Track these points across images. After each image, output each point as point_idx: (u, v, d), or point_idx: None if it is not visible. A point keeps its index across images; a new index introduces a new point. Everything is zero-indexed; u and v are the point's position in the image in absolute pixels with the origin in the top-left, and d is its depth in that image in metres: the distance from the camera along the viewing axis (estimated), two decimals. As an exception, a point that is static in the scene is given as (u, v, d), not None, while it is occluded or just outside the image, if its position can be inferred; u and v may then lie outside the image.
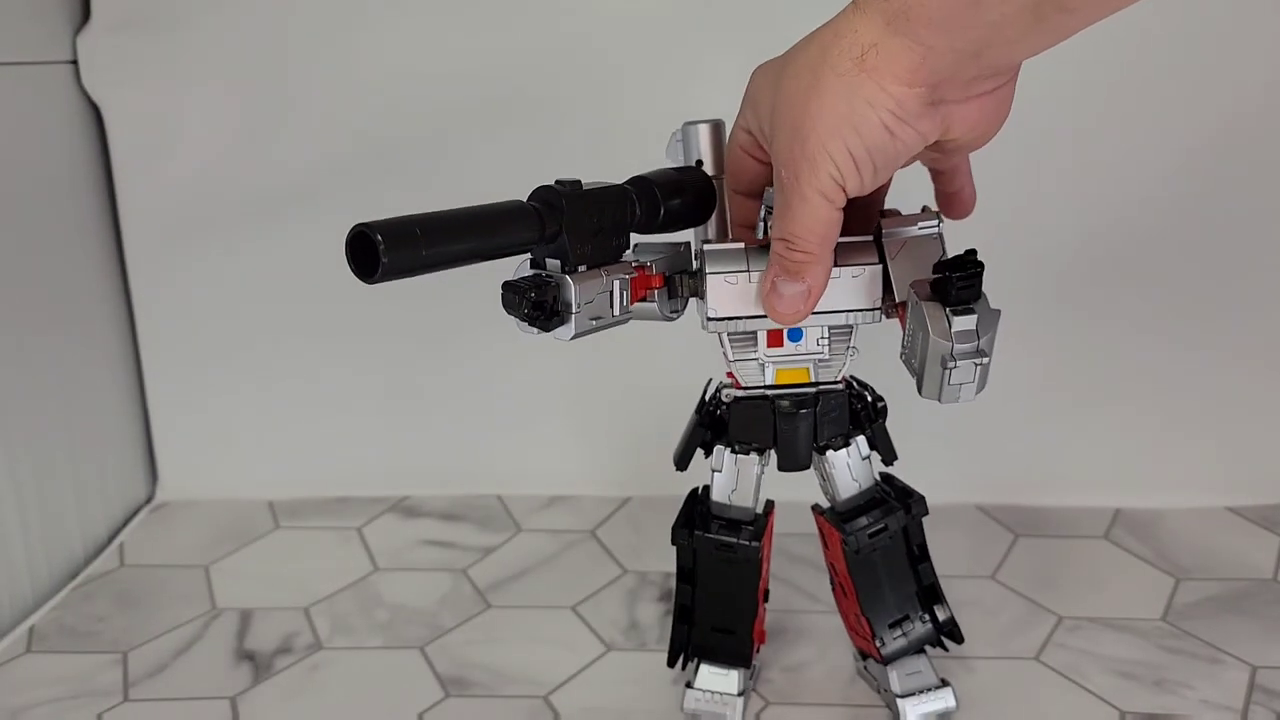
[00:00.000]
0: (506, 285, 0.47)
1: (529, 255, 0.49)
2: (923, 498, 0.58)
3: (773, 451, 0.56)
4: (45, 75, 0.82)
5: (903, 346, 0.52)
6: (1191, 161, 0.80)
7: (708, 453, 0.58)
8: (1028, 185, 0.81)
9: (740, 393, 0.56)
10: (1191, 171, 0.80)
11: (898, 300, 0.52)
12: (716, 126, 0.56)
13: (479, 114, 0.84)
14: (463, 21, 0.83)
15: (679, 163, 0.57)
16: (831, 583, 0.62)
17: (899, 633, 0.59)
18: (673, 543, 0.58)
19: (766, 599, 0.62)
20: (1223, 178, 0.80)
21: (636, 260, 0.53)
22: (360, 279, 0.41)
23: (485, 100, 0.84)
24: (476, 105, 0.84)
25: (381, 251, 0.40)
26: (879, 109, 0.43)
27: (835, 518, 0.57)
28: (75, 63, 0.84)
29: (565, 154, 0.83)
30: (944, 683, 0.59)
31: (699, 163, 0.56)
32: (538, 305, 0.47)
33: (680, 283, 0.55)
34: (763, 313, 0.52)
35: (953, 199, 0.55)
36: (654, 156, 0.57)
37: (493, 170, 0.83)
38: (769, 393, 0.55)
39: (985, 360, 0.49)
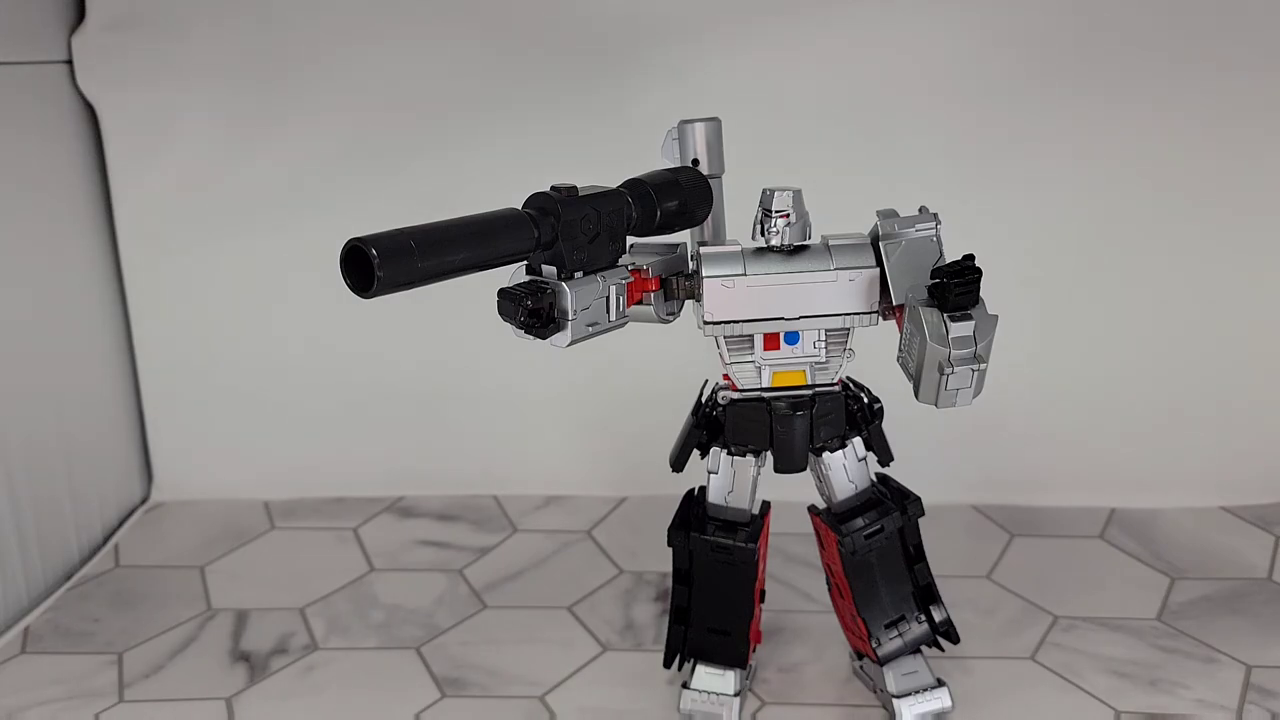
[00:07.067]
0: (502, 292, 0.47)
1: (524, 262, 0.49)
2: (919, 498, 0.58)
3: (769, 453, 0.56)
4: (40, 75, 0.82)
5: (900, 349, 0.52)
6: (1188, 158, 0.80)
7: (704, 454, 0.58)
8: (1021, 184, 0.81)
9: (736, 395, 0.56)
10: (1187, 168, 0.80)
11: (895, 303, 0.53)
12: (713, 124, 0.56)
13: (475, 115, 0.84)
14: (459, 22, 0.82)
15: (675, 162, 0.56)
16: (828, 583, 0.63)
17: (895, 633, 0.59)
18: (669, 544, 0.58)
19: (763, 599, 0.62)
20: (1219, 173, 0.80)
21: (632, 263, 0.53)
22: (356, 294, 0.41)
23: (482, 101, 0.84)
24: (473, 106, 0.84)
25: (376, 266, 0.40)
26: None
27: (832, 519, 0.57)
28: (70, 62, 0.84)
29: (562, 157, 0.82)
30: (940, 683, 0.59)
31: (695, 161, 0.56)
32: (534, 313, 0.46)
33: (676, 285, 0.55)
34: (760, 316, 0.52)
35: None
36: (651, 156, 0.57)
37: (490, 172, 0.83)
38: (765, 395, 0.55)
39: (982, 366, 0.49)
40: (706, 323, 0.54)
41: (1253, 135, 0.79)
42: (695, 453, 0.59)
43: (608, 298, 0.50)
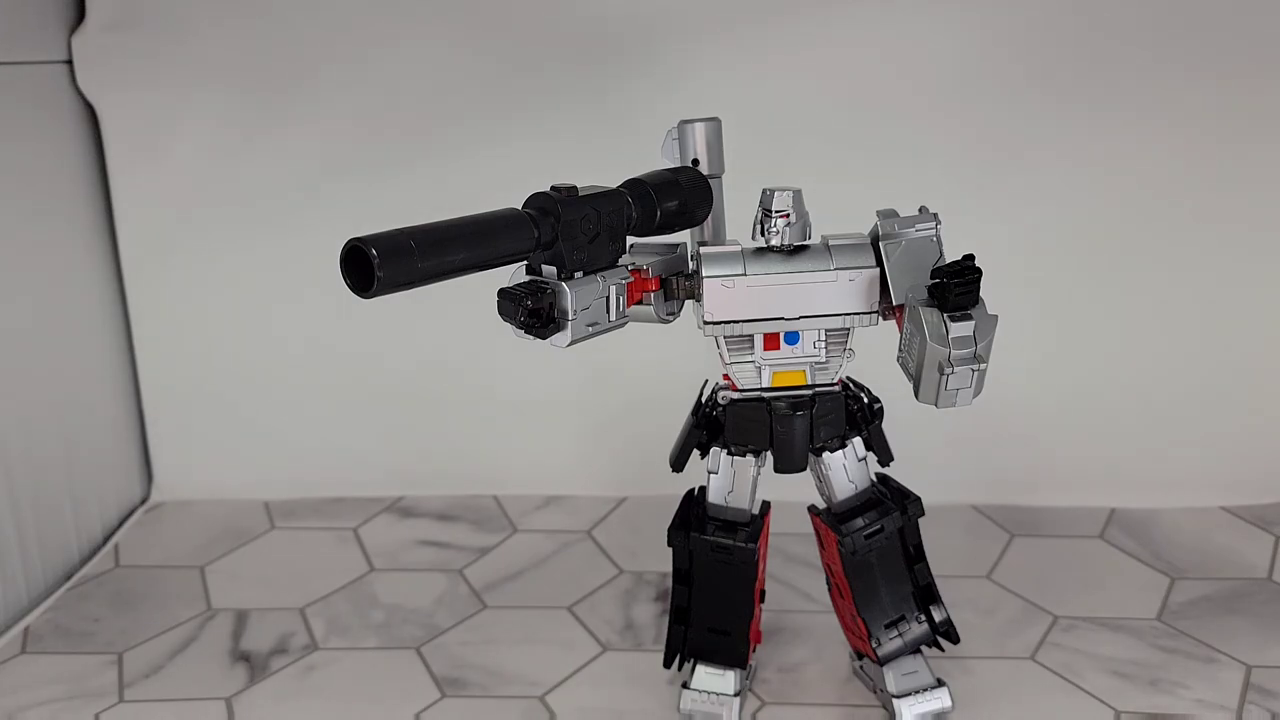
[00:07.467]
0: (502, 292, 0.47)
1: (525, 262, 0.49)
2: (919, 498, 0.58)
3: (769, 453, 0.56)
4: (40, 75, 0.82)
5: (900, 349, 0.52)
6: (1188, 159, 0.80)
7: (704, 454, 0.58)
8: (1022, 185, 0.81)
9: (736, 395, 0.56)
10: (1187, 169, 0.80)
11: (895, 303, 0.53)
12: (713, 124, 0.56)
13: (476, 115, 0.84)
14: (459, 23, 0.82)
15: (675, 162, 0.56)
16: (828, 583, 0.63)
17: (895, 633, 0.59)
18: (669, 544, 0.58)
19: (763, 599, 0.62)
20: (1219, 174, 0.80)
21: (632, 263, 0.53)
22: (356, 294, 0.41)
23: (482, 101, 0.84)
24: (473, 106, 0.84)
25: (376, 266, 0.40)
26: None
27: (832, 519, 0.57)
28: (70, 62, 0.84)
29: (562, 157, 0.82)
30: (940, 683, 0.59)
31: (695, 161, 0.56)
32: (534, 313, 0.47)
33: (676, 285, 0.55)
34: (760, 316, 0.52)
35: None
36: (651, 156, 0.57)
37: (490, 172, 0.83)
38: (765, 395, 0.55)
39: (982, 366, 0.49)
40: (706, 323, 0.54)
41: (1254, 138, 0.79)
42: (695, 453, 0.59)
43: (608, 298, 0.50)
